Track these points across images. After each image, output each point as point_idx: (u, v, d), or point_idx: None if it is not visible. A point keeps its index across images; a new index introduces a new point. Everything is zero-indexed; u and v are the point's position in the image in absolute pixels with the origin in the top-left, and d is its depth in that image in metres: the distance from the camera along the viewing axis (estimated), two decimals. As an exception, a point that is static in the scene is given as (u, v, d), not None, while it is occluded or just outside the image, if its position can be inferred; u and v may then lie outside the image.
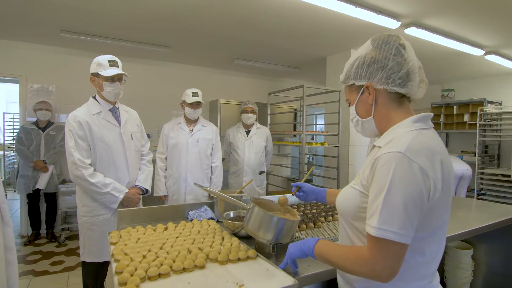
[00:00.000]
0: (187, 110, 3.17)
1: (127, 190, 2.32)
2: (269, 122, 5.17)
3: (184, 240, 1.51)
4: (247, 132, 3.93)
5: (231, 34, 4.20)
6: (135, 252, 1.36)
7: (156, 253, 1.36)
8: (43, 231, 4.75)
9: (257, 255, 1.37)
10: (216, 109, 5.78)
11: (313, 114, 6.15)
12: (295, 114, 6.32)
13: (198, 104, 3.16)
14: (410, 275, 0.98)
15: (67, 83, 4.97)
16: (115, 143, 2.32)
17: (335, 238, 1.61)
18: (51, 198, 4.60)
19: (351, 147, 4.89)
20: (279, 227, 1.31)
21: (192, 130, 3.23)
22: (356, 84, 1.08)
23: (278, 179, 6.11)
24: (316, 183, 6.55)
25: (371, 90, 1.04)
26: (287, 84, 6.97)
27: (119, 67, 2.27)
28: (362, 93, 1.07)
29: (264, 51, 5.01)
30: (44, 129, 4.47)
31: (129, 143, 2.40)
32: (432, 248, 0.99)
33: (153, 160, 2.77)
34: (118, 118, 2.38)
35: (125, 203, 2.31)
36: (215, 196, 2.00)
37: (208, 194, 2.97)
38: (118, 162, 2.33)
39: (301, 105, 4.44)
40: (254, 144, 3.91)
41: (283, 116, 6.21)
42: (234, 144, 3.93)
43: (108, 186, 2.23)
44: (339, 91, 4.57)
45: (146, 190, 2.51)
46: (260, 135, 3.98)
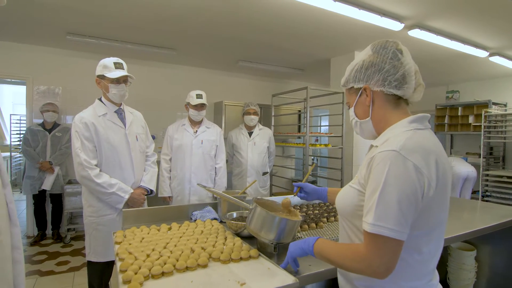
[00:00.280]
0: (191, 112, 3.20)
1: (132, 191, 2.35)
2: (273, 124, 5.18)
3: (188, 240, 1.53)
4: (250, 134, 3.95)
5: (235, 36, 4.23)
6: (139, 251, 1.38)
7: (159, 252, 1.38)
8: (49, 231, 4.80)
9: (259, 255, 1.38)
10: (220, 110, 5.81)
11: (317, 116, 6.16)
12: (299, 116, 6.34)
13: (202, 106, 3.19)
14: (409, 274, 0.99)
15: (73, 85, 5.03)
16: (121, 144, 2.35)
17: (336, 238, 1.62)
18: (57, 199, 4.65)
19: (355, 149, 4.89)
20: (281, 227, 1.33)
21: (197, 131, 3.25)
22: (355, 87, 1.12)
23: (282, 181, 6.12)
24: (320, 184, 6.55)
25: (368, 92, 1.08)
26: (291, 85, 6.99)
27: (124, 69, 2.30)
28: (360, 95, 1.11)
29: (268, 53, 5.03)
30: (50, 130, 4.53)
31: (134, 144, 2.43)
32: (430, 246, 1.00)
33: (157, 162, 2.80)
34: (123, 120, 2.41)
35: (130, 203, 2.34)
36: (218, 197, 2.02)
37: (212, 195, 2.99)
38: (123, 163, 2.36)
39: (305, 106, 4.46)
40: (257, 145, 3.93)
41: (287, 118, 6.22)
42: (237, 146, 3.95)
43: (114, 187, 2.26)
44: (342, 92, 4.57)
45: (151, 191, 2.54)
46: (262, 136, 4.00)
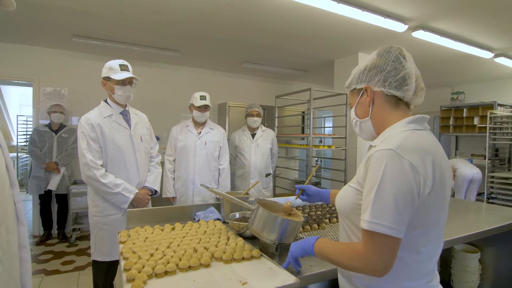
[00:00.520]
0: (195, 113, 3.22)
1: (137, 191, 2.38)
2: (276, 125, 5.19)
3: (191, 240, 1.54)
4: (253, 135, 3.97)
5: (239, 37, 4.25)
6: (143, 250, 1.40)
7: (163, 251, 1.40)
8: (55, 231, 4.85)
9: (261, 255, 1.40)
10: (224, 112, 5.83)
11: (321, 117, 6.16)
12: (303, 117, 6.34)
13: (206, 107, 3.21)
14: (408, 274, 1.00)
15: (78, 86, 5.08)
16: (126, 145, 2.38)
17: (338, 239, 1.63)
18: (63, 199, 4.70)
19: (359, 150, 4.89)
20: (283, 227, 1.34)
21: (200, 132, 3.27)
22: (357, 87, 1.14)
23: (285, 182, 6.12)
24: (323, 185, 6.54)
25: (369, 92, 1.10)
26: (295, 87, 6.99)
27: (129, 71, 2.34)
28: (361, 95, 1.13)
29: (273, 54, 5.05)
30: (56, 131, 4.58)
31: (138, 145, 2.46)
32: (429, 247, 1.01)
33: (161, 162, 2.82)
34: (128, 121, 2.45)
35: (135, 203, 2.37)
36: (221, 198, 2.04)
37: (215, 195, 3.01)
38: (128, 164, 2.39)
39: (308, 108, 4.47)
40: (260, 146, 3.94)
41: (291, 119, 6.23)
42: (240, 147, 3.97)
43: (119, 187, 2.29)
44: (346, 94, 4.57)
45: (155, 191, 2.56)
46: (265, 137, 4.01)
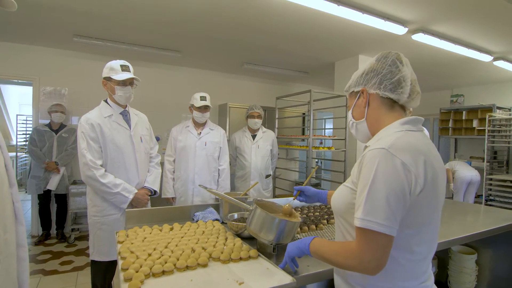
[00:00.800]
0: (195, 114, 3.23)
1: (136, 191, 2.38)
2: (277, 126, 5.20)
3: (189, 240, 1.55)
4: (253, 136, 3.97)
5: (240, 39, 4.26)
6: (141, 250, 1.41)
7: (161, 251, 1.40)
8: (53, 231, 4.85)
9: (258, 255, 1.41)
10: (225, 113, 5.85)
11: (321, 119, 6.17)
12: (303, 118, 6.35)
13: (206, 108, 3.22)
14: (401, 273, 1.01)
15: (79, 86, 5.09)
16: (126, 145, 2.39)
17: (334, 239, 1.64)
18: (62, 199, 4.70)
19: (358, 152, 4.90)
20: (281, 228, 1.35)
21: (200, 133, 3.28)
22: (354, 90, 1.18)
23: (285, 183, 6.13)
24: (323, 186, 6.55)
25: (365, 94, 1.13)
26: (295, 88, 7.01)
27: (130, 72, 2.35)
28: (358, 97, 1.17)
29: (273, 56, 5.07)
30: (57, 131, 4.59)
31: (138, 145, 2.47)
32: (422, 247, 1.02)
33: (161, 163, 2.83)
34: (128, 121, 2.45)
35: (134, 203, 2.37)
36: (220, 198, 2.05)
37: (215, 196, 3.01)
38: (128, 164, 2.40)
39: (308, 109, 4.48)
40: (260, 148, 3.95)
41: (291, 120, 6.24)
42: (241, 149, 3.97)
43: (119, 187, 2.29)
44: (346, 96, 4.58)
45: (155, 192, 2.57)
46: (266, 139, 4.01)
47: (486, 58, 4.50)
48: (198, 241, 1.55)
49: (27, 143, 5.26)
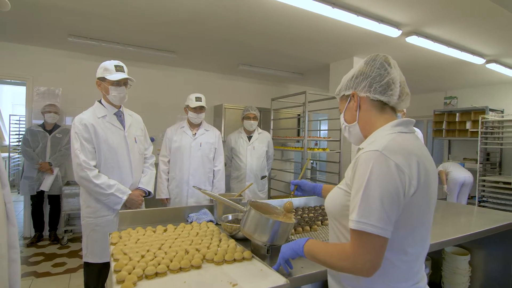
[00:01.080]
0: (190, 115, 3.22)
1: (130, 192, 2.37)
2: (272, 127, 5.21)
3: (182, 241, 1.54)
4: (249, 138, 3.97)
5: (236, 40, 4.26)
6: (134, 252, 1.40)
7: (154, 253, 1.40)
8: (46, 233, 4.80)
9: (252, 257, 1.40)
10: (220, 113, 5.84)
11: (316, 120, 6.19)
12: (299, 120, 6.37)
13: (201, 108, 3.21)
14: (395, 274, 1.02)
15: (73, 86, 5.05)
16: (120, 146, 2.37)
17: (328, 240, 1.65)
18: (55, 200, 4.66)
19: (353, 153, 4.92)
20: (274, 229, 1.35)
21: (195, 134, 3.27)
22: (345, 94, 1.19)
23: (280, 184, 6.14)
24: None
25: (356, 98, 1.14)
26: (291, 89, 7.03)
27: (125, 72, 2.33)
28: (349, 101, 1.18)
29: (269, 57, 5.07)
30: (50, 131, 4.55)
31: (132, 146, 2.45)
32: (415, 247, 1.03)
33: (156, 164, 2.82)
34: (122, 122, 2.44)
35: (128, 204, 2.36)
36: (214, 199, 2.04)
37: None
38: (122, 165, 2.38)
39: (303, 111, 4.49)
40: (256, 149, 3.95)
41: (287, 122, 6.26)
42: (236, 150, 3.97)
43: (112, 188, 2.28)
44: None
45: (149, 192, 2.55)
46: (261, 140, 4.01)
47: (479, 60, 4.54)
48: (192, 242, 1.54)
49: (20, 143, 5.21)
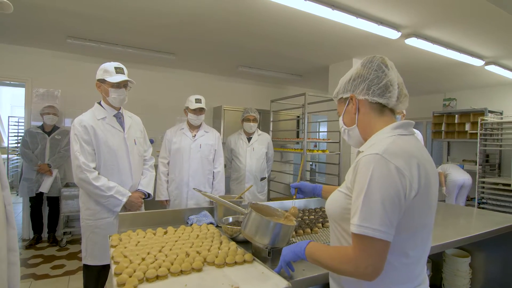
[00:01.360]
0: (190, 116, 3.22)
1: (130, 194, 2.36)
2: (271, 129, 5.20)
3: (183, 244, 1.54)
4: (249, 139, 3.97)
5: (235, 42, 4.26)
6: (134, 254, 1.39)
7: (155, 255, 1.39)
8: (45, 234, 4.77)
9: (253, 259, 1.40)
10: (219, 115, 5.84)
11: (315, 122, 6.19)
12: (298, 122, 6.37)
13: (201, 110, 3.21)
14: (396, 277, 1.01)
15: (72, 88, 5.04)
16: (119, 148, 2.37)
17: (330, 243, 1.64)
18: (54, 202, 4.64)
19: (352, 155, 4.91)
20: (276, 232, 1.34)
21: (195, 135, 3.27)
22: (343, 97, 1.19)
23: (280, 186, 6.13)
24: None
25: (354, 101, 1.14)
26: (290, 91, 7.03)
27: (125, 74, 2.33)
28: (347, 104, 1.17)
29: (268, 59, 5.07)
30: (49, 133, 4.54)
31: (132, 148, 2.44)
32: (416, 250, 1.03)
33: (155, 165, 2.81)
34: (122, 124, 2.43)
35: (128, 206, 2.35)
36: (214, 201, 2.03)
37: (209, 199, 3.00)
38: (121, 166, 2.37)
39: (303, 112, 4.49)
40: (255, 150, 3.94)
41: (286, 123, 6.26)
42: (236, 151, 3.97)
43: (112, 190, 2.27)
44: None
45: (149, 194, 2.55)
46: (261, 141, 4.01)
47: (478, 62, 4.55)
48: (193, 245, 1.53)
49: (19, 145, 5.19)
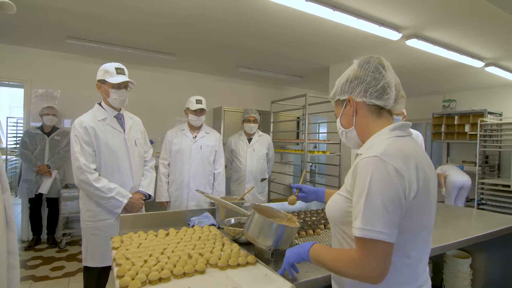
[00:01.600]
0: (190, 117, 3.21)
1: (131, 195, 2.35)
2: (271, 130, 5.20)
3: (185, 246, 1.53)
4: (249, 140, 3.96)
5: (235, 42, 4.26)
6: (136, 256, 1.38)
7: (157, 258, 1.38)
8: (44, 236, 4.75)
9: (256, 261, 1.39)
10: (219, 116, 5.83)
11: (315, 123, 6.19)
12: (298, 123, 6.37)
13: (201, 111, 3.20)
14: (399, 278, 1.02)
15: (71, 88, 5.02)
16: (120, 149, 2.36)
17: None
18: (53, 203, 4.63)
19: (352, 156, 4.91)
20: (279, 233, 1.34)
21: (196, 136, 3.26)
22: (340, 98, 1.18)
23: (280, 187, 6.12)
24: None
25: (352, 103, 1.14)
26: (290, 92, 7.02)
27: (125, 75, 2.32)
28: (345, 106, 1.17)
29: (268, 59, 5.06)
30: (49, 134, 4.52)
31: (133, 149, 2.44)
32: (417, 250, 1.03)
33: (156, 167, 2.80)
34: (122, 125, 2.42)
35: (128, 208, 2.34)
36: (216, 203, 2.03)
37: (210, 200, 2.99)
38: (122, 168, 2.37)
39: (303, 113, 4.48)
40: (256, 151, 3.94)
41: (286, 124, 6.25)
42: (236, 152, 3.96)
43: (113, 191, 2.26)
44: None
45: (149, 196, 2.54)
46: (262, 142, 4.01)
47: (478, 64, 4.55)
48: (195, 247, 1.53)
49: (17, 146, 5.16)
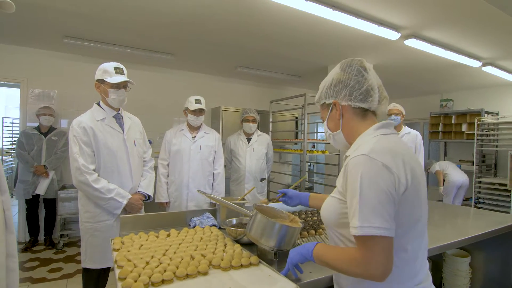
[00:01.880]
0: (190, 117, 3.20)
1: (130, 196, 2.33)
2: (270, 130, 5.19)
3: (187, 247, 1.52)
4: (248, 140, 3.96)
5: (234, 42, 4.25)
6: (138, 258, 1.37)
7: (159, 259, 1.37)
8: (41, 237, 4.71)
9: (259, 262, 1.38)
10: (218, 116, 5.81)
11: (314, 123, 6.19)
12: (297, 122, 6.37)
13: (201, 111, 3.18)
14: (398, 275, 1.02)
15: (69, 88, 4.99)
16: (119, 149, 2.34)
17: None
18: (51, 204, 4.59)
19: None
20: (282, 234, 1.34)
21: (195, 137, 3.25)
22: (326, 102, 1.21)
23: (279, 186, 6.12)
24: (316, 190, 6.55)
25: (337, 107, 1.16)
26: (289, 92, 7.01)
27: (124, 75, 2.30)
28: (331, 110, 1.20)
29: (267, 59, 5.06)
30: (46, 134, 4.49)
31: (132, 149, 2.42)
32: (414, 244, 1.04)
33: (155, 167, 2.78)
34: (121, 125, 2.41)
35: (128, 208, 2.33)
36: (217, 203, 2.02)
37: (210, 200, 2.98)
38: (121, 168, 2.35)
39: (302, 113, 4.48)
40: (255, 151, 3.93)
41: (285, 124, 6.25)
42: (235, 152, 3.95)
43: (112, 192, 2.24)
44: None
45: (149, 196, 2.52)
46: (261, 142, 4.00)
47: (475, 63, 4.58)
48: (197, 247, 1.52)
49: (13, 146, 5.12)
